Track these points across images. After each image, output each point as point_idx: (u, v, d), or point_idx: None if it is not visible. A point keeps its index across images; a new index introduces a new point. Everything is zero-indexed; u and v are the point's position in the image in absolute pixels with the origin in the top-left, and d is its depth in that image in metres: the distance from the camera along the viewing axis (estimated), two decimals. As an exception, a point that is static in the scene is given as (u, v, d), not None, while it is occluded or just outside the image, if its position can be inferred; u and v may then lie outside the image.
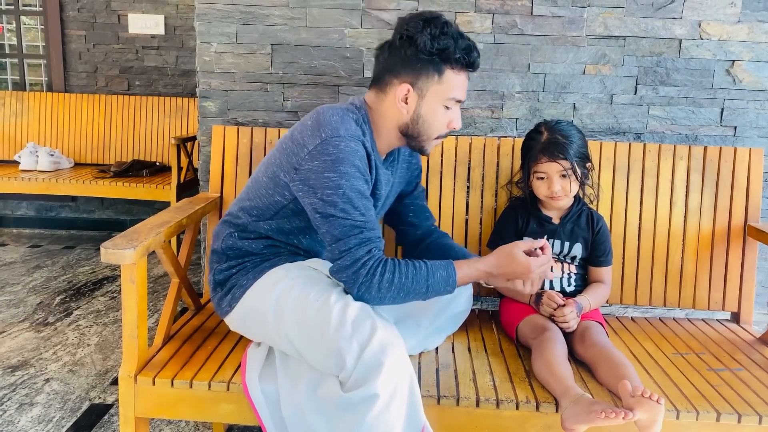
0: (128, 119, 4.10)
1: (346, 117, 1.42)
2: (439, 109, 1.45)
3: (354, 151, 1.38)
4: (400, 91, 1.43)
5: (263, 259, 1.51)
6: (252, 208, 1.51)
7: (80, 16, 4.17)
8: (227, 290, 1.51)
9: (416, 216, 1.74)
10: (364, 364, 1.23)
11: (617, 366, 1.43)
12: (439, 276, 1.39)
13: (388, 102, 1.46)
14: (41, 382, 2.20)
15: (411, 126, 1.46)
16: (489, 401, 1.38)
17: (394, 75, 1.44)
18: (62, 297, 3.04)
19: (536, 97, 2.11)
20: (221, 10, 2.07)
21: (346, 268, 1.35)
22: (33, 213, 4.37)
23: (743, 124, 2.12)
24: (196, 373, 1.42)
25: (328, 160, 1.36)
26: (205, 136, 2.14)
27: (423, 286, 1.38)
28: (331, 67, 2.10)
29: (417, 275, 1.37)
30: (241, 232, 1.53)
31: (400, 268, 1.36)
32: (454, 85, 1.44)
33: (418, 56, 1.40)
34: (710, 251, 1.92)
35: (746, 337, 1.79)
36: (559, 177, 1.67)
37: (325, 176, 1.35)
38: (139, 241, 1.37)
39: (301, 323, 1.35)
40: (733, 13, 2.05)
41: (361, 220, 1.36)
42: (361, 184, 1.38)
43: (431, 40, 1.38)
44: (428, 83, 1.42)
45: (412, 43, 1.39)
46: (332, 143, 1.36)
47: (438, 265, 1.40)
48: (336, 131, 1.37)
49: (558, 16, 2.06)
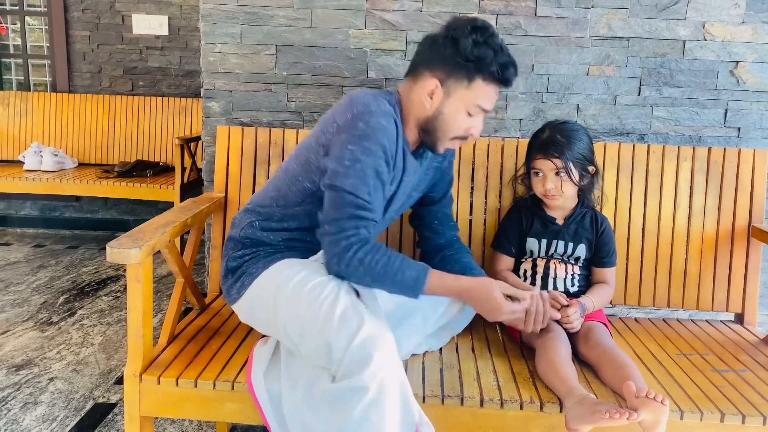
0: (132, 119, 4.11)
1: (379, 97, 1.43)
2: (461, 112, 1.46)
3: (383, 128, 1.38)
4: (429, 84, 1.44)
5: (276, 251, 1.51)
6: (279, 197, 1.52)
7: (84, 16, 4.18)
8: (237, 277, 1.52)
9: (441, 224, 1.73)
10: (351, 355, 1.23)
11: (621, 366, 1.43)
12: (408, 276, 1.39)
13: (416, 92, 1.47)
14: (45, 381, 2.21)
15: (431, 121, 1.47)
16: (493, 401, 1.38)
17: (428, 68, 1.45)
18: (66, 296, 3.04)
19: (540, 98, 2.11)
20: (226, 11, 2.08)
21: (329, 234, 1.38)
22: (37, 213, 4.38)
23: (747, 125, 2.12)
24: (201, 373, 1.43)
25: (355, 134, 1.37)
26: (209, 136, 2.14)
27: (390, 278, 1.38)
28: (335, 68, 2.11)
29: (388, 266, 1.38)
30: (264, 221, 1.53)
31: (375, 254, 1.37)
32: (481, 94, 1.44)
33: (455, 58, 1.41)
34: (714, 252, 1.92)
35: (750, 338, 1.79)
36: (553, 175, 1.68)
37: (348, 148, 1.36)
38: (145, 241, 1.37)
39: (295, 316, 1.36)
40: (737, 14, 2.05)
41: (365, 199, 1.37)
42: (381, 163, 1.39)
43: (472, 47, 1.39)
44: (457, 85, 1.43)
45: (453, 44, 1.41)
46: (363, 118, 1.37)
47: (413, 266, 1.41)
48: (368, 107, 1.39)
49: (562, 17, 2.06)
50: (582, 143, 1.70)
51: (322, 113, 2.13)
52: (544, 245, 1.76)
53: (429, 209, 1.73)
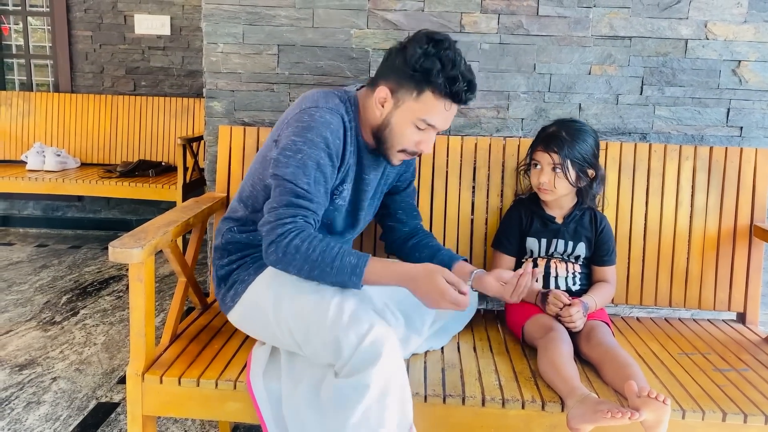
0: (134, 119, 4.12)
1: (329, 94, 1.48)
2: (409, 124, 1.45)
3: (327, 122, 1.41)
4: (380, 92, 1.46)
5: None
6: (248, 198, 1.55)
7: (87, 16, 4.19)
8: (230, 286, 1.53)
9: (405, 213, 1.75)
10: (361, 353, 1.24)
11: (623, 366, 1.43)
12: (347, 262, 1.34)
13: (370, 99, 1.49)
14: (48, 381, 2.21)
15: (381, 129, 1.48)
16: (495, 400, 1.38)
17: (382, 77, 1.47)
18: (69, 296, 3.05)
19: (542, 98, 2.11)
20: (228, 11, 2.08)
21: (267, 223, 1.38)
22: (39, 213, 4.39)
23: (749, 125, 2.11)
24: (203, 372, 1.43)
25: (300, 126, 1.41)
26: (211, 136, 2.15)
27: (329, 264, 1.33)
28: (338, 68, 2.11)
29: (326, 252, 1.33)
30: (241, 226, 1.56)
31: (313, 241, 1.34)
32: (430, 108, 1.42)
33: (404, 68, 1.41)
34: (716, 251, 1.91)
35: (752, 338, 1.79)
36: (549, 169, 1.69)
37: (291, 139, 1.41)
38: (147, 240, 1.37)
39: (300, 316, 1.36)
40: (740, 13, 2.05)
41: (304, 189, 1.38)
42: (323, 156, 1.40)
43: (420, 57, 1.39)
44: (406, 96, 1.43)
45: (403, 54, 1.42)
46: (308, 112, 1.42)
47: (354, 253, 1.36)
48: (315, 102, 1.44)
49: (564, 17, 2.06)
50: (586, 144, 1.69)
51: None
52: (544, 244, 1.76)
53: (393, 198, 1.74)
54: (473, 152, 1.95)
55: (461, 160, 1.94)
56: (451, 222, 1.94)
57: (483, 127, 2.13)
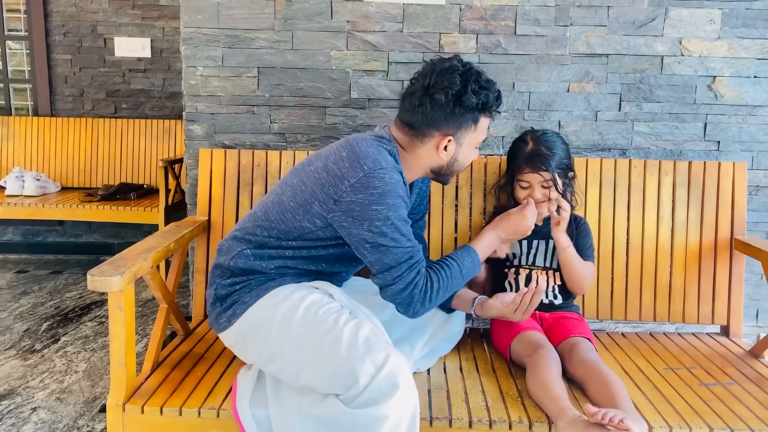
0: (115, 142, 4.08)
1: (381, 149, 1.47)
2: (472, 151, 1.57)
3: (397, 182, 1.44)
4: (441, 142, 1.49)
5: (268, 279, 1.50)
6: (272, 228, 1.51)
7: (66, 40, 4.17)
8: (228, 306, 1.50)
9: None
10: (378, 385, 1.24)
11: (606, 384, 1.42)
12: (468, 264, 1.53)
13: (427, 148, 1.52)
14: (28, 412, 2.17)
15: (446, 168, 1.55)
16: (482, 422, 1.37)
17: (434, 128, 1.49)
18: (49, 323, 3.00)
19: (521, 116, 2.13)
20: (207, 34, 2.08)
21: (400, 292, 1.43)
22: (19, 238, 4.32)
23: (726, 139, 2.14)
24: (186, 400, 1.41)
25: (375, 193, 1.39)
26: (192, 159, 2.13)
27: (459, 279, 1.52)
28: (318, 89, 2.11)
29: (453, 274, 1.50)
30: (257, 249, 1.52)
31: (441, 276, 1.47)
32: (484, 129, 1.54)
33: (464, 113, 1.47)
34: (698, 265, 1.93)
35: (736, 351, 1.80)
36: (540, 187, 1.71)
37: (373, 209, 1.39)
38: (126, 268, 1.36)
39: (308, 342, 1.35)
40: (713, 30, 2.08)
41: (410, 246, 1.44)
42: (404, 211, 1.45)
43: (476, 97, 1.45)
44: (466, 133, 1.50)
45: (458, 102, 1.45)
46: (377, 176, 1.40)
47: (462, 255, 1.54)
48: (378, 163, 1.41)
49: (541, 35, 2.08)
50: (562, 152, 1.75)
51: (305, 134, 2.13)
52: (525, 245, 1.78)
53: None
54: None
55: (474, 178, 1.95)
56: (435, 241, 1.94)
57: (464, 146, 2.13)
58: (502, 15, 2.07)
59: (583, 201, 1.92)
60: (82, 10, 4.12)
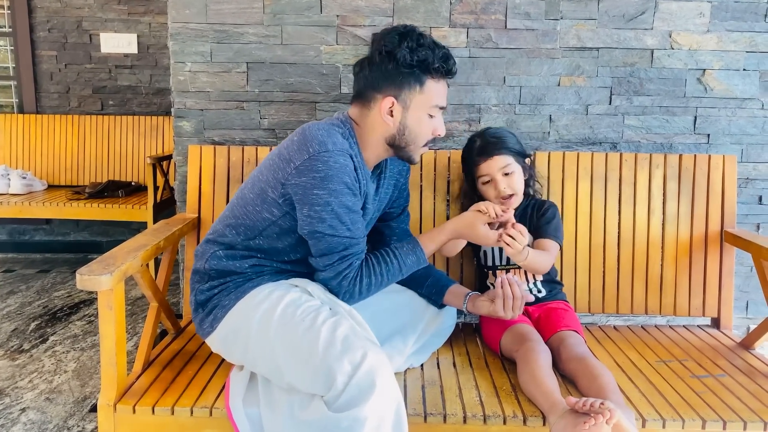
0: (102, 139, 4.04)
1: (332, 131, 1.43)
2: (424, 118, 1.49)
3: (343, 166, 1.39)
4: (384, 104, 1.46)
5: (246, 279, 1.49)
6: (239, 225, 1.50)
7: (51, 36, 4.12)
8: (209, 311, 1.49)
9: (399, 240, 1.73)
10: (357, 384, 1.22)
11: (596, 377, 1.43)
12: (410, 261, 1.52)
13: (374, 116, 1.48)
14: (17, 412, 2.14)
15: (398, 137, 1.49)
16: (476, 417, 1.37)
17: (376, 90, 1.46)
18: (38, 322, 2.97)
19: (512, 110, 2.12)
20: (195, 30, 2.06)
21: (330, 280, 1.44)
22: (5, 237, 4.27)
23: (716, 132, 2.15)
24: (178, 399, 1.39)
25: (317, 176, 1.37)
26: (181, 156, 2.11)
27: (398, 275, 1.51)
28: (308, 84, 2.09)
29: (390, 270, 1.49)
30: (228, 250, 1.51)
31: (375, 272, 1.46)
32: (435, 93, 1.48)
33: (399, 70, 1.43)
34: (689, 258, 1.94)
35: (727, 342, 1.81)
36: (502, 175, 1.70)
37: (314, 193, 1.37)
38: (116, 266, 1.34)
39: (288, 342, 1.33)
40: (702, 23, 2.09)
41: (347, 236, 1.41)
42: (349, 198, 1.41)
43: (410, 53, 1.42)
44: (411, 94, 1.45)
45: (392, 58, 1.42)
46: (321, 159, 1.37)
47: (407, 252, 1.52)
48: (324, 146, 1.38)
49: (531, 29, 2.08)
50: (512, 138, 1.76)
51: (295, 130, 2.11)
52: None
53: (389, 225, 1.74)
54: (447, 165, 1.95)
55: (435, 173, 1.94)
56: (427, 236, 1.93)
57: (455, 140, 2.13)
58: (492, 9, 2.06)
59: (574, 195, 1.93)
60: (66, 6, 4.07)
